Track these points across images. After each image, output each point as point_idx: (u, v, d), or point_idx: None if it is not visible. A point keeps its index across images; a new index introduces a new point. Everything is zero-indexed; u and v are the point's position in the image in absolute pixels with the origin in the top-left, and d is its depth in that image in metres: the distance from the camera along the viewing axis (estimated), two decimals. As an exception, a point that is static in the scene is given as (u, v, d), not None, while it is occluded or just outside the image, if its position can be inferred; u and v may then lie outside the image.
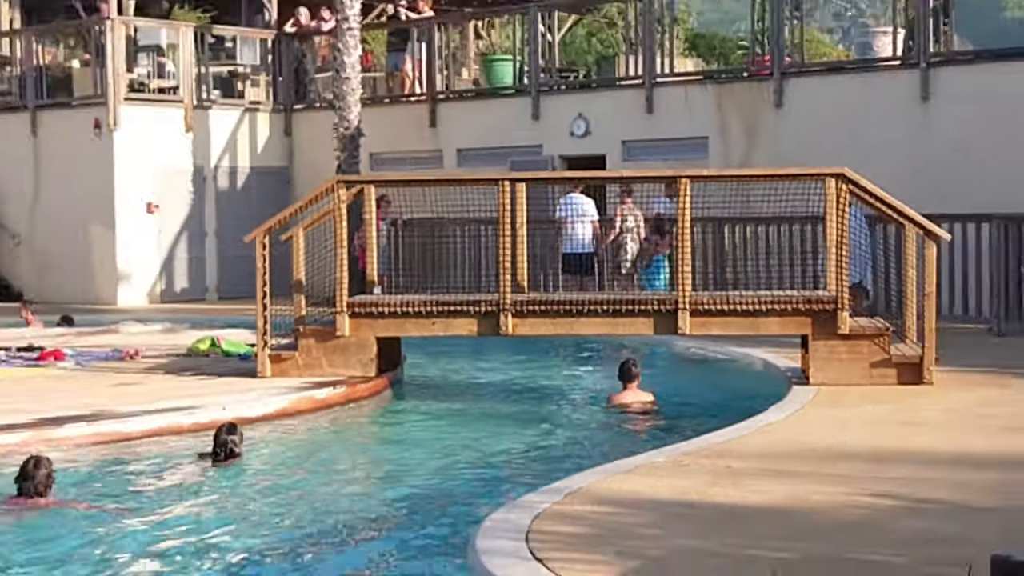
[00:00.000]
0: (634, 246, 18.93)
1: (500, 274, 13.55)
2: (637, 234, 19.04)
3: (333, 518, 9.21)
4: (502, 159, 23.10)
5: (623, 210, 19.11)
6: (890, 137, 19.64)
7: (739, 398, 12.89)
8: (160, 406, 12.07)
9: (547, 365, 17.03)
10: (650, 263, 18.54)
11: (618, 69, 24.57)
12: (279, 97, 27.59)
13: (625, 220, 19.07)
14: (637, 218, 19.15)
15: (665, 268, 18.06)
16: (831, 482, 8.62)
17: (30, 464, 8.89)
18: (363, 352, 13.78)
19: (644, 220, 19.04)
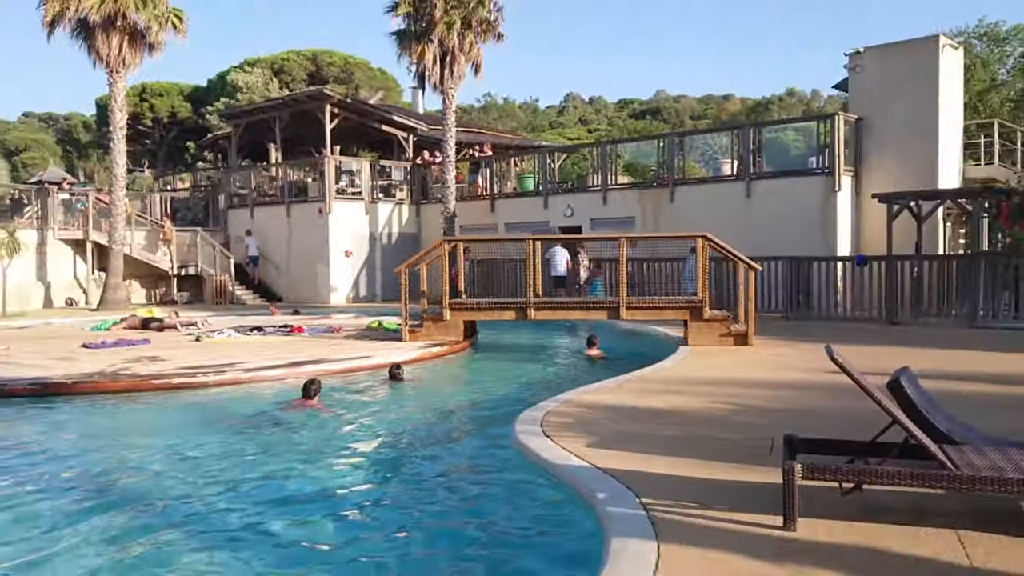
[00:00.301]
0: (585, 273, 19.02)
1: (526, 287, 13.65)
2: (587, 267, 19.19)
3: (452, 404, 9.56)
4: (527, 228, 23.16)
5: (580, 255, 19.21)
6: (729, 216, 19.63)
7: (651, 353, 12.94)
8: (351, 355, 12.22)
9: (551, 335, 17.08)
10: (591, 282, 18.77)
11: (589, 181, 24.54)
12: (413, 197, 27.67)
13: (581, 260, 19.12)
14: (587, 259, 19.30)
15: (600, 285, 18.54)
16: (696, 396, 8.72)
17: (311, 382, 9.31)
18: (456, 328, 13.90)
19: (589, 260, 19.26)
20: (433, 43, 23.30)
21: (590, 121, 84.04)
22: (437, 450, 7.80)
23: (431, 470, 7.06)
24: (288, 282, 26.84)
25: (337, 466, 7.29)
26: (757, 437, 6.53)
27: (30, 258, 24.53)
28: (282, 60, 47.81)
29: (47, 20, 22.23)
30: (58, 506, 5.95)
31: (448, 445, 8.03)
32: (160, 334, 15.83)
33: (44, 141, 73.81)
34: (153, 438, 8.22)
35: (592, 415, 7.70)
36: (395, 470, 7.15)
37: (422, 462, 7.37)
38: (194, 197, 31.37)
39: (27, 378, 10.21)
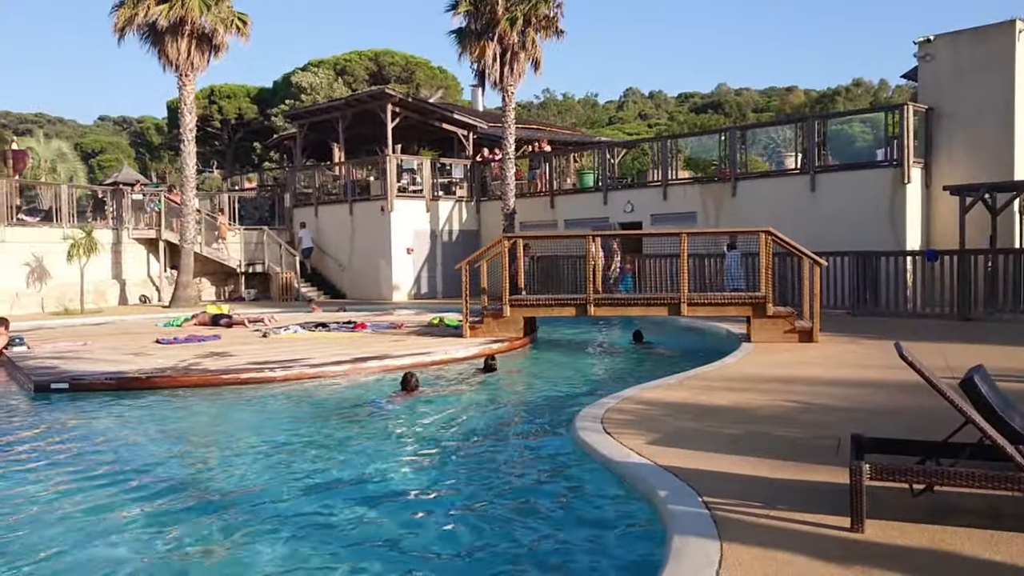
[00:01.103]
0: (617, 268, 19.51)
1: (586, 283, 13.60)
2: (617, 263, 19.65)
3: (525, 388, 9.48)
4: (587, 224, 23.08)
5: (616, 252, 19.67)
6: (793, 210, 19.26)
7: (713, 350, 12.79)
8: (413, 351, 12.31)
9: (608, 330, 16.99)
10: (623, 277, 19.30)
11: (649, 176, 24.30)
12: (473, 194, 27.75)
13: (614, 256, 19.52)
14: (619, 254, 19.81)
15: (631, 279, 19.27)
16: (759, 393, 8.58)
17: (409, 375, 9.83)
18: (516, 324, 13.92)
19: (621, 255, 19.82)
20: (493, 41, 23.36)
21: (650, 116, 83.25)
22: (500, 444, 7.84)
23: (493, 465, 7.08)
24: (351, 279, 27.22)
25: (420, 455, 7.40)
26: (823, 436, 6.40)
27: (106, 257, 25.34)
28: (345, 61, 48.48)
29: (118, 26, 22.94)
30: (175, 498, 6.12)
31: (510, 440, 8.06)
32: (229, 330, 16.23)
33: (119, 144, 76.21)
34: (253, 430, 8.38)
35: (653, 412, 7.64)
36: (460, 462, 7.19)
37: (486, 455, 7.41)
38: (261, 197, 32.03)
39: (103, 373, 10.57)
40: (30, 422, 8.89)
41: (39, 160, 32.17)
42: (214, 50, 24.09)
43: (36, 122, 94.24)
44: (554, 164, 26.00)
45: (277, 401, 9.80)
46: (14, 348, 13.35)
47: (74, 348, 13.49)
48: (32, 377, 10.42)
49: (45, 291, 23.49)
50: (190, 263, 24.55)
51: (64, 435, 8.19)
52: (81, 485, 6.43)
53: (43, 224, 24.22)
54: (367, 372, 11.16)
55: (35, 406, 9.70)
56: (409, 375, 9.80)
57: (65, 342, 14.29)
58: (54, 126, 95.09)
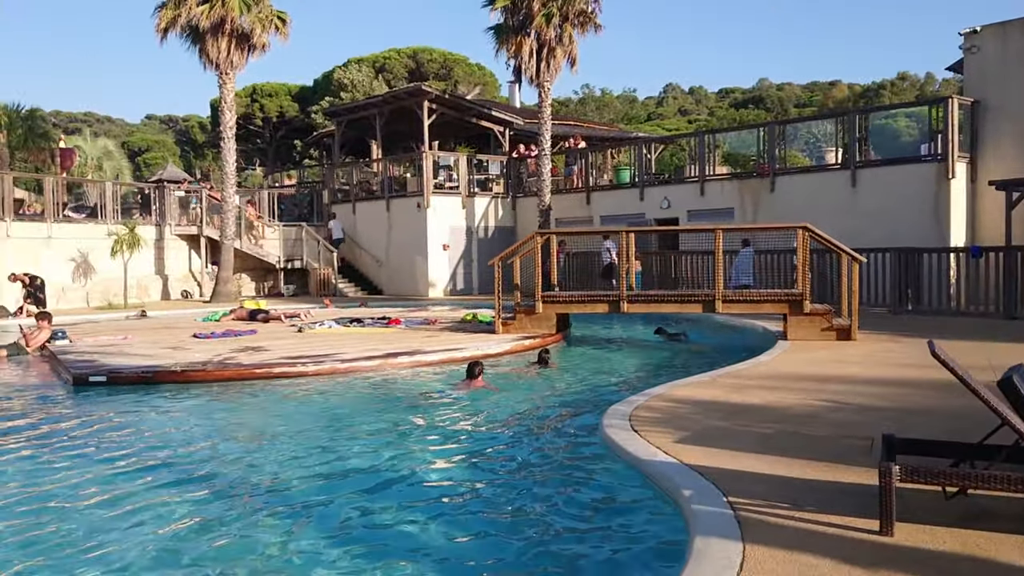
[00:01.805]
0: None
1: (619, 280, 13.46)
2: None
3: (564, 384, 9.50)
4: (623, 220, 22.92)
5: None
6: (833, 206, 18.91)
7: (749, 347, 12.60)
8: (445, 347, 12.29)
9: (644, 326, 16.81)
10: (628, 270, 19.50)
11: (687, 172, 24.04)
12: (510, 190, 27.67)
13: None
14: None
15: (639, 275, 19.21)
16: (794, 392, 8.40)
17: (475, 364, 10.01)
18: (549, 320, 13.83)
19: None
20: (530, 36, 23.28)
21: (690, 111, 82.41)
22: (530, 440, 7.79)
23: (520, 463, 7.03)
24: (388, 275, 27.34)
25: (462, 446, 7.39)
26: (855, 436, 6.23)
27: (149, 253, 25.78)
28: (384, 59, 48.73)
29: (161, 27, 23.28)
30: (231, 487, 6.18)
31: (544, 434, 8.01)
32: (265, 325, 16.38)
33: (164, 142, 77.51)
34: (298, 423, 8.42)
35: (682, 410, 7.52)
36: (485, 460, 7.14)
37: (514, 451, 7.37)
38: (300, 194, 32.34)
39: (140, 366, 10.72)
40: (67, 413, 9.04)
41: (86, 158, 32.82)
42: (252, 49, 24.32)
43: (85, 121, 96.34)
44: (590, 160, 25.82)
45: (330, 394, 9.87)
46: (56, 342, 13.60)
47: (115, 342, 13.71)
48: (71, 370, 10.60)
49: (90, 286, 23.96)
50: (230, 259, 24.84)
51: (98, 425, 8.32)
52: (119, 474, 6.51)
53: (88, 221, 24.69)
54: (399, 367, 11.17)
55: (73, 398, 9.85)
56: (474, 364, 9.99)
57: (107, 336, 14.54)
58: (102, 125, 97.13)
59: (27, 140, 28.60)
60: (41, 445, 7.54)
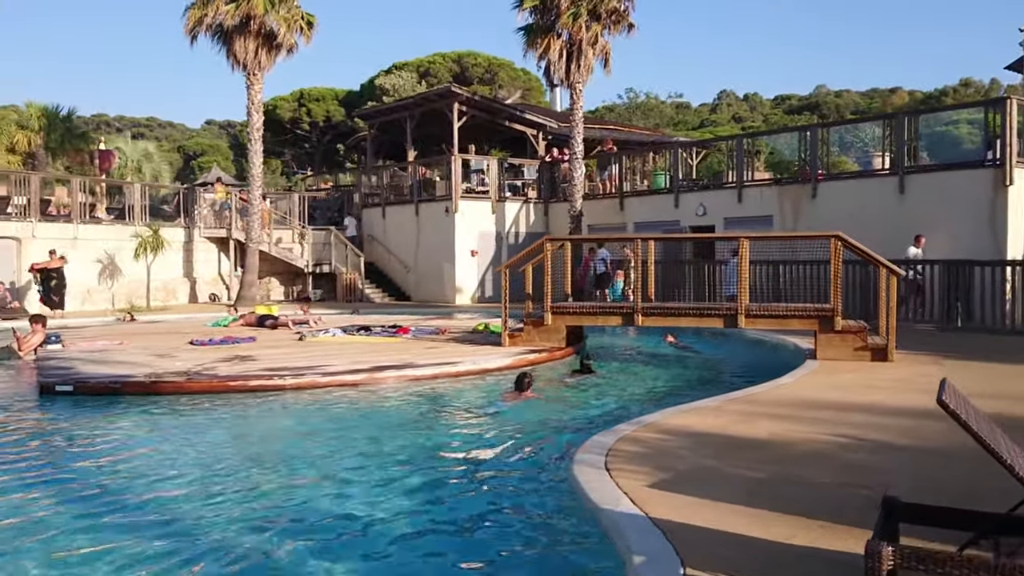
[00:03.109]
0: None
1: (634, 291, 12.41)
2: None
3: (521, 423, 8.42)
4: (657, 227, 21.81)
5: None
6: (879, 214, 17.57)
7: (774, 365, 11.47)
8: (438, 360, 11.38)
9: (649, 339, 15.71)
10: (614, 283, 19.16)
11: (726, 178, 22.81)
12: (542, 195, 26.75)
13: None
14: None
15: (621, 285, 18.99)
16: (807, 423, 7.30)
17: (523, 375, 9.72)
18: (558, 333, 12.84)
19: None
20: (559, 36, 22.35)
21: (744, 118, 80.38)
22: (503, 469, 6.88)
23: (489, 488, 6.16)
24: (415, 281, 26.63)
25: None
26: (866, 485, 5.14)
27: (177, 255, 25.50)
28: (428, 63, 48.28)
29: (188, 27, 22.97)
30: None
31: (515, 465, 7.06)
32: (270, 332, 15.71)
33: (219, 146, 78.51)
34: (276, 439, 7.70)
35: (672, 444, 6.49)
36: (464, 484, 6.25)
37: (471, 487, 6.44)
38: (331, 197, 31.89)
39: (109, 376, 10.06)
40: (14, 423, 8.40)
41: (126, 160, 32.82)
42: (277, 49, 23.85)
43: (148, 126, 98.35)
44: (625, 164, 24.71)
45: (299, 410, 9.09)
46: (48, 346, 13.10)
47: (108, 347, 13.15)
48: (39, 378, 9.99)
49: (116, 288, 23.71)
50: (255, 262, 24.39)
51: (44, 439, 7.68)
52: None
53: (116, 222, 24.47)
54: (384, 382, 10.31)
55: (35, 408, 9.24)
56: (523, 375, 9.66)
57: (104, 340, 14.01)
58: (164, 129, 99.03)
59: (64, 142, 28.64)
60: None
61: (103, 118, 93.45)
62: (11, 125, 27.35)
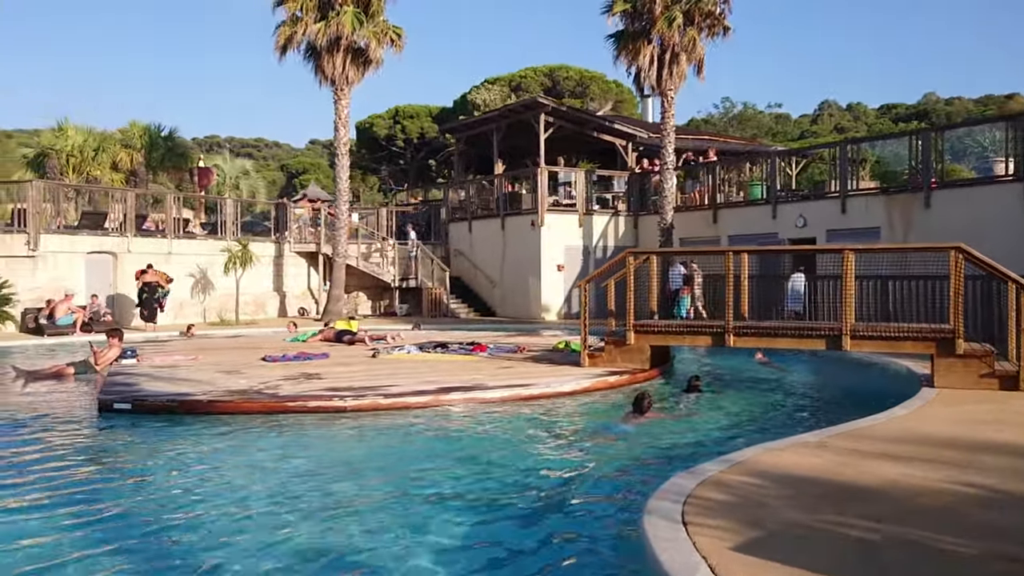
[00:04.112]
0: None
1: (726, 308, 11.28)
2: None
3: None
4: (753, 240, 20.44)
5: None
6: (1003, 225, 15.85)
7: (883, 392, 10.18)
8: (510, 383, 10.53)
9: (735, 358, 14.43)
10: (679, 299, 17.74)
11: (828, 187, 21.26)
12: (632, 207, 25.67)
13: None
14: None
15: (687, 302, 17.61)
16: (929, 467, 6.09)
17: (642, 396, 9.18)
18: (641, 354, 11.82)
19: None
20: (651, 42, 21.34)
21: (847, 129, 76.97)
22: (556, 517, 5.94)
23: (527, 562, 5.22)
24: (501, 296, 25.95)
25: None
26: (1006, 556, 4.03)
27: (268, 269, 25.59)
28: (520, 77, 47.86)
29: (279, 44, 23.00)
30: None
31: (570, 513, 6.12)
32: (344, 348, 15.23)
33: (320, 164, 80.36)
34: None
35: (764, 490, 5.44)
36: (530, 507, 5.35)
37: (527, 533, 5.54)
38: (419, 212, 31.63)
39: (168, 394, 9.64)
40: (66, 441, 8.02)
41: (224, 177, 33.48)
42: (368, 64, 23.64)
43: (255, 146, 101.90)
44: (718, 174, 23.39)
45: (354, 435, 8.43)
46: (124, 360, 12.93)
47: (180, 363, 12.89)
48: (98, 395, 9.67)
49: (208, 301, 23.88)
50: (342, 276, 24.19)
51: (89, 456, 7.36)
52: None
53: (208, 237, 24.72)
54: (450, 405, 9.54)
55: (90, 425, 8.89)
56: (642, 396, 9.17)
57: (179, 355, 13.79)
58: (270, 149, 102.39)
59: (165, 159, 29.32)
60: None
61: (215, 139, 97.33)
62: (115, 144, 28.14)
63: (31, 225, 19.87)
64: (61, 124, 27.36)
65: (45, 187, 21.22)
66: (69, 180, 26.22)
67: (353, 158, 64.27)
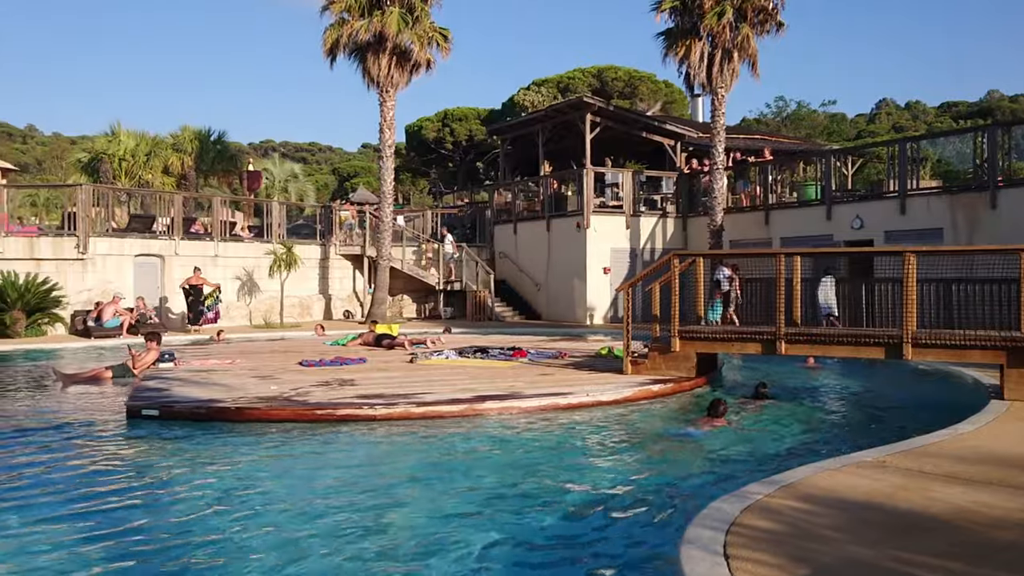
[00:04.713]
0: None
1: (776, 313, 10.64)
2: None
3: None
4: (806, 242, 19.64)
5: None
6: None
7: (946, 404, 9.49)
8: (548, 391, 10.05)
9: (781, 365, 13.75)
10: (714, 304, 16.13)
11: (886, 187, 20.32)
12: (680, 209, 24.94)
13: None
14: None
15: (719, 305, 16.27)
16: (1005, 493, 5.47)
17: (718, 401, 9.08)
18: (687, 361, 11.23)
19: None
20: (701, 38, 20.67)
21: (905, 128, 74.72)
22: (592, 538, 5.46)
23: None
24: (546, 299, 25.45)
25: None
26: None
27: (313, 272, 25.51)
28: (568, 79, 47.34)
29: (326, 47, 22.86)
30: None
31: (604, 536, 5.62)
32: (382, 352, 14.91)
33: (371, 168, 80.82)
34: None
35: (818, 518, 4.89)
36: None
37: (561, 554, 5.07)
38: (464, 214, 31.31)
39: (196, 400, 9.40)
40: (90, 450, 7.82)
41: (273, 180, 33.61)
42: (416, 67, 23.38)
43: (309, 150, 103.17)
44: (770, 174, 22.56)
45: (381, 445, 8.07)
46: (162, 364, 12.79)
47: (216, 367, 12.69)
48: (127, 401, 9.47)
49: (254, 304, 23.87)
50: (386, 279, 23.97)
51: (109, 464, 7.15)
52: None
53: (254, 240, 24.73)
54: (485, 414, 9.11)
55: (116, 431, 8.68)
56: (718, 401, 9.09)
57: (215, 360, 13.60)
58: (324, 153, 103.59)
59: (215, 163, 29.52)
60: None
61: (270, 143, 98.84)
62: (166, 148, 28.40)
63: (81, 228, 20.04)
64: (114, 129, 27.71)
65: (95, 190, 21.38)
66: (121, 184, 26.51)
67: (403, 161, 64.72)
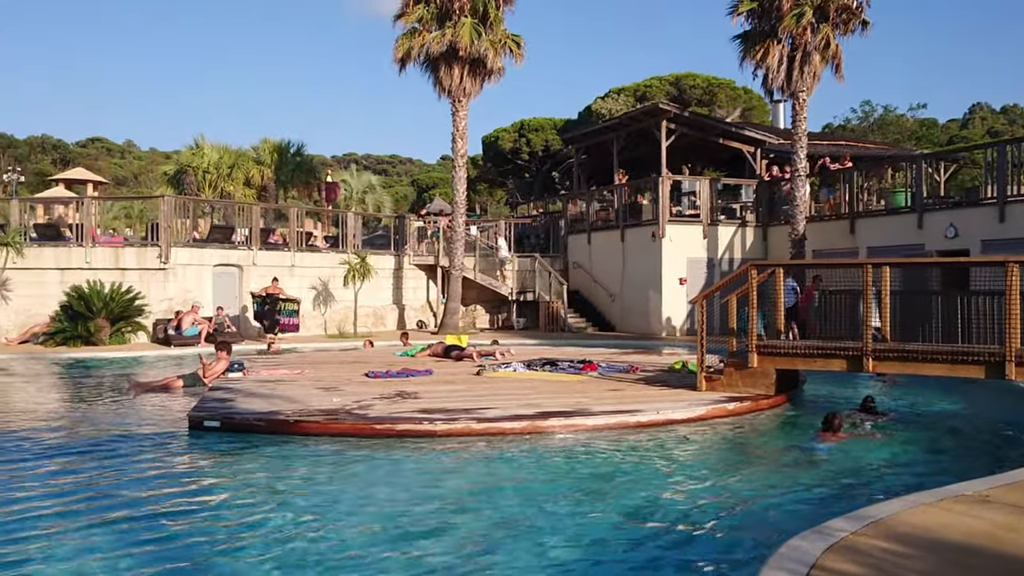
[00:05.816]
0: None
1: (863, 328, 9.89)
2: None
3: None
4: (895, 252, 18.50)
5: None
6: None
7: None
8: (617, 408, 9.53)
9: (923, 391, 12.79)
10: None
11: (982, 193, 19.04)
12: (760, 217, 24.02)
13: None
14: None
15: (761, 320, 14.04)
16: None
17: (833, 416, 8.87)
18: (766, 378, 10.57)
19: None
20: (780, 41, 19.84)
21: (1002, 133, 71.06)
22: None
23: None
24: (620, 310, 24.84)
25: None
26: None
27: (387, 282, 25.54)
28: (645, 87, 46.59)
29: (397, 56, 22.87)
30: None
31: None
32: (450, 364, 14.61)
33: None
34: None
35: (909, 561, 4.31)
36: None
37: None
38: (537, 223, 30.95)
39: (256, 412, 9.25)
40: (148, 460, 7.72)
41: (351, 192, 34.00)
42: (489, 75, 23.17)
43: (389, 162, 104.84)
44: (856, 181, 21.46)
45: (438, 466, 7.73)
46: (231, 374, 12.80)
47: (283, 377, 12.61)
48: (189, 412, 9.39)
49: (329, 314, 24.01)
50: (458, 290, 23.78)
51: (169, 476, 7.06)
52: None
53: (330, 250, 24.90)
54: (549, 431, 8.68)
55: (178, 442, 8.59)
56: (832, 414, 8.86)
57: (284, 370, 13.54)
58: (404, 165, 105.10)
59: (294, 175, 29.97)
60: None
61: (352, 156, 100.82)
62: (248, 160, 28.97)
63: (163, 238, 20.47)
64: (198, 142, 28.40)
65: (176, 202, 21.85)
66: (204, 196, 27.12)
67: (480, 172, 64.86)
